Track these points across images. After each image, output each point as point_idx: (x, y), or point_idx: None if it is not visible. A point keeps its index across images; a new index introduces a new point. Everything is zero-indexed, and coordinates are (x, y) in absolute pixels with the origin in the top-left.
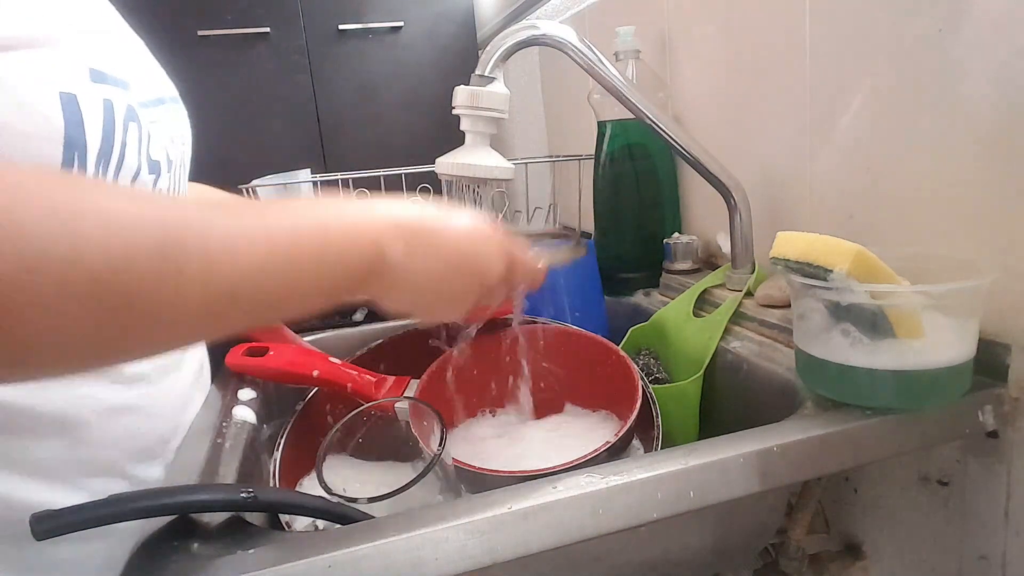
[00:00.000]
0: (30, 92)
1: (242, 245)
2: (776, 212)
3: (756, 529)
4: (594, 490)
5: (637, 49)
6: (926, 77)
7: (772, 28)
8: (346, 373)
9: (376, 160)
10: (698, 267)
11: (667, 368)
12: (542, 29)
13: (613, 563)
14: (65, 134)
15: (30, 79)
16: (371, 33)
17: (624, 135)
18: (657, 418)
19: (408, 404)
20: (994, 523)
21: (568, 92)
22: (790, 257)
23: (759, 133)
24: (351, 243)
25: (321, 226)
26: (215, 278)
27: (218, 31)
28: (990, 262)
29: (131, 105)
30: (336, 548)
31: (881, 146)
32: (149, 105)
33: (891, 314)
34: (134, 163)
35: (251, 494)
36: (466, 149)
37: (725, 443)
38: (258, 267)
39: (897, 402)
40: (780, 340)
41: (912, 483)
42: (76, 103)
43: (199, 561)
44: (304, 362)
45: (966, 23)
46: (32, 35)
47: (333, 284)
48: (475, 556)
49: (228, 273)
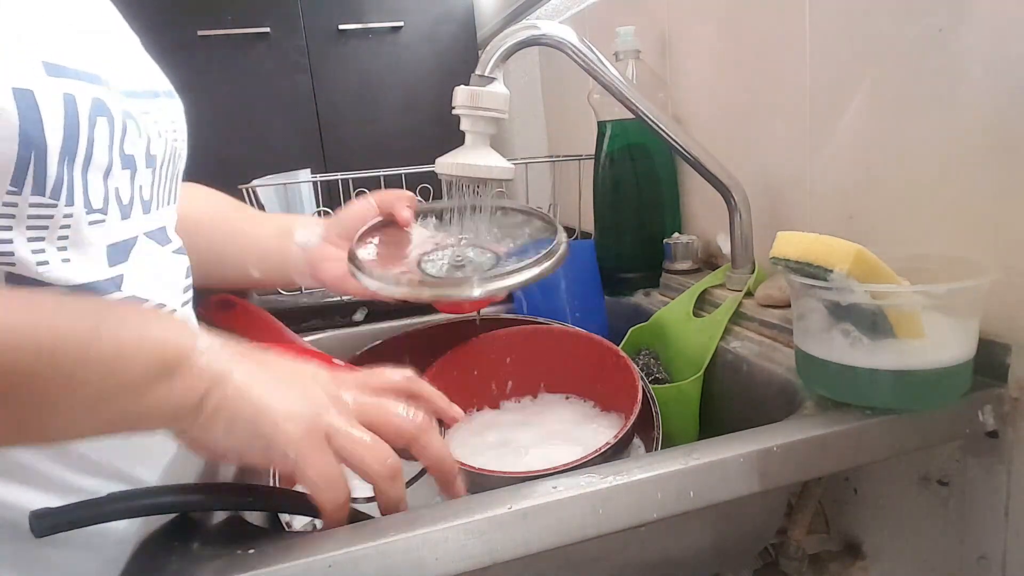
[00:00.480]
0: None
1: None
2: (776, 212)
3: (756, 529)
4: (594, 490)
5: (637, 49)
6: (926, 77)
7: (772, 28)
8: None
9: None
10: (698, 267)
11: (667, 368)
12: (542, 29)
13: (613, 563)
14: (20, 131)
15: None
16: (371, 33)
17: (624, 135)
18: (657, 418)
19: None
20: (994, 523)
21: (568, 92)
22: (790, 257)
23: (759, 133)
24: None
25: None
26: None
27: (218, 31)
28: (990, 262)
29: (99, 99)
30: (336, 548)
31: (881, 146)
32: (137, 96)
33: (891, 314)
34: (104, 159)
35: (249, 493)
36: (466, 149)
37: (725, 443)
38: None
39: (897, 402)
40: (780, 340)
41: (912, 483)
42: (32, 98)
43: (199, 561)
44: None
45: (966, 23)
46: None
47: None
48: (475, 556)
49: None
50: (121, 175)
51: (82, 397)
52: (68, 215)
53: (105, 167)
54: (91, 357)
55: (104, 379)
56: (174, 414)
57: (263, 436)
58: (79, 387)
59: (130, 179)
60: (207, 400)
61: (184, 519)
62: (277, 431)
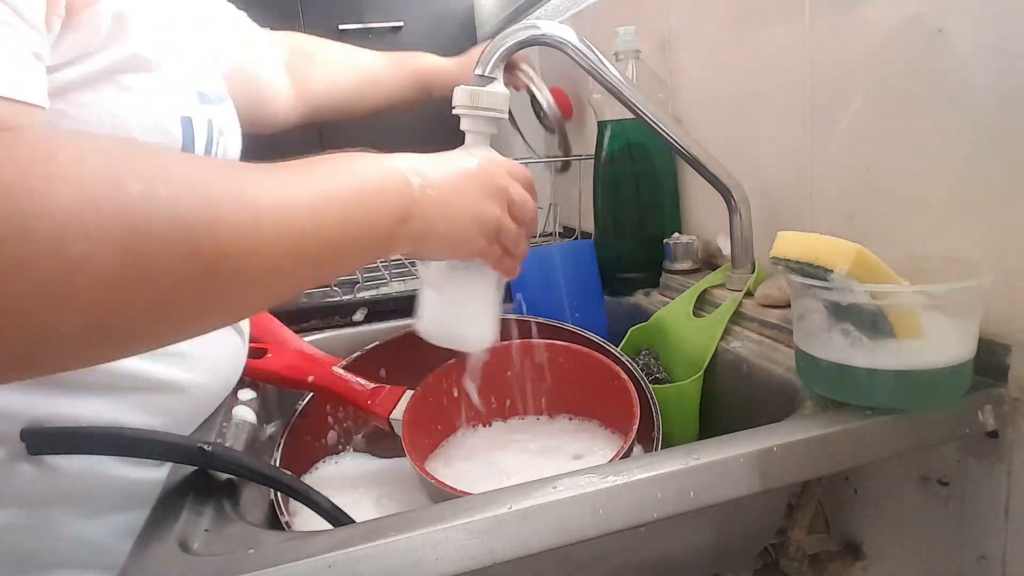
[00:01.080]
0: (163, 116)
1: (301, 199)
2: (776, 212)
3: (756, 529)
4: (594, 490)
5: (637, 49)
6: (926, 77)
7: (772, 28)
8: (341, 381)
9: None
10: (698, 267)
11: (667, 368)
12: (542, 29)
13: (613, 563)
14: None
15: (161, 102)
16: (371, 33)
17: (624, 135)
18: (657, 418)
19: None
20: (994, 523)
21: (568, 92)
22: (791, 257)
23: (759, 133)
24: (384, 181)
25: (357, 174)
26: (284, 231)
27: None
28: (990, 262)
29: (222, 124)
30: (336, 548)
31: (881, 146)
32: (222, 101)
33: (891, 314)
34: None
35: (209, 448)
36: (466, 149)
37: (725, 443)
38: (316, 218)
39: (897, 402)
40: (780, 340)
41: (912, 483)
42: (191, 125)
43: (199, 561)
44: (300, 367)
45: (966, 23)
46: (158, 57)
47: (378, 228)
48: (475, 556)
49: (296, 224)
50: None
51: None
52: None
53: None
54: (347, 244)
55: (357, 248)
56: (391, 237)
57: (453, 244)
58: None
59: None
60: (413, 223)
61: (184, 519)
62: (465, 243)
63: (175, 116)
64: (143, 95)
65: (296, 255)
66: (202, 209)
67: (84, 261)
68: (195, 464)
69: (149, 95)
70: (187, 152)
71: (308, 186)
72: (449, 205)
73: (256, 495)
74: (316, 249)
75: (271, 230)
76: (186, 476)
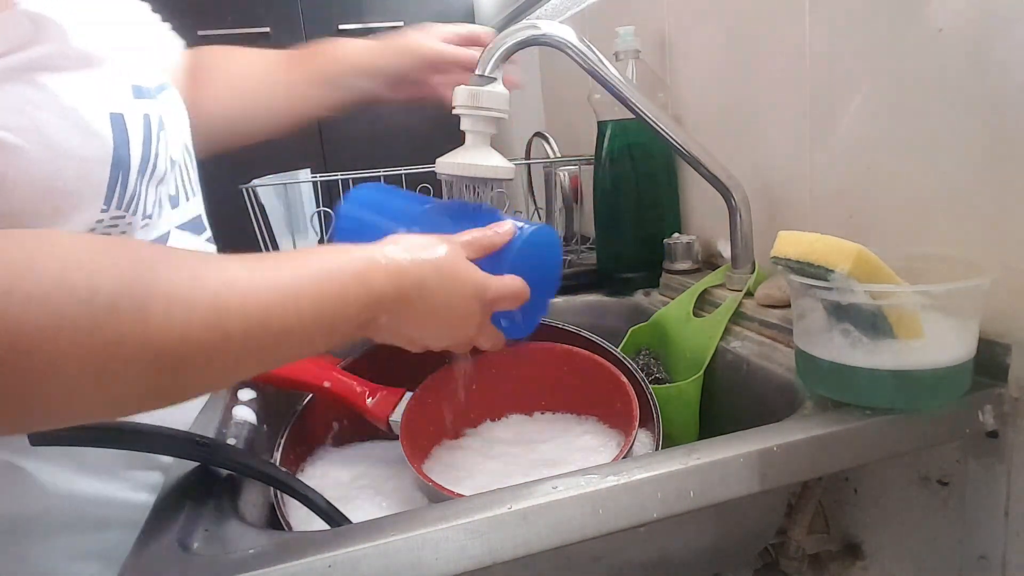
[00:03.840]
0: (87, 114)
1: (249, 296)
2: (776, 212)
3: (756, 529)
4: (594, 490)
5: (637, 49)
6: (926, 77)
7: (772, 28)
8: (341, 382)
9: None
10: (698, 267)
11: (667, 368)
12: (542, 29)
13: (613, 563)
14: (114, 155)
15: (86, 100)
16: (371, 33)
17: (624, 135)
18: (657, 418)
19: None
20: (994, 523)
21: (568, 92)
22: (791, 257)
23: (759, 133)
24: (345, 306)
25: (317, 284)
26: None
27: (218, 31)
28: (990, 262)
29: (159, 113)
30: (336, 548)
31: (881, 146)
32: (163, 91)
33: (891, 314)
34: (163, 167)
35: (206, 444)
36: (466, 149)
37: (725, 443)
38: (260, 315)
39: (897, 402)
40: (780, 340)
41: (912, 483)
42: (123, 122)
43: (199, 561)
44: (300, 368)
45: (966, 23)
46: (85, 54)
47: (332, 331)
48: (475, 556)
49: (234, 312)
50: (168, 178)
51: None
52: (129, 223)
53: (162, 175)
54: (306, 340)
55: (320, 340)
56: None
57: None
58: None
59: (174, 179)
60: (383, 322)
61: (184, 518)
62: (434, 343)
63: (103, 114)
64: (64, 93)
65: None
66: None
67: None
68: (193, 458)
69: (71, 93)
70: (121, 151)
71: (275, 282)
72: (421, 320)
73: (256, 495)
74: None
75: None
76: (186, 476)
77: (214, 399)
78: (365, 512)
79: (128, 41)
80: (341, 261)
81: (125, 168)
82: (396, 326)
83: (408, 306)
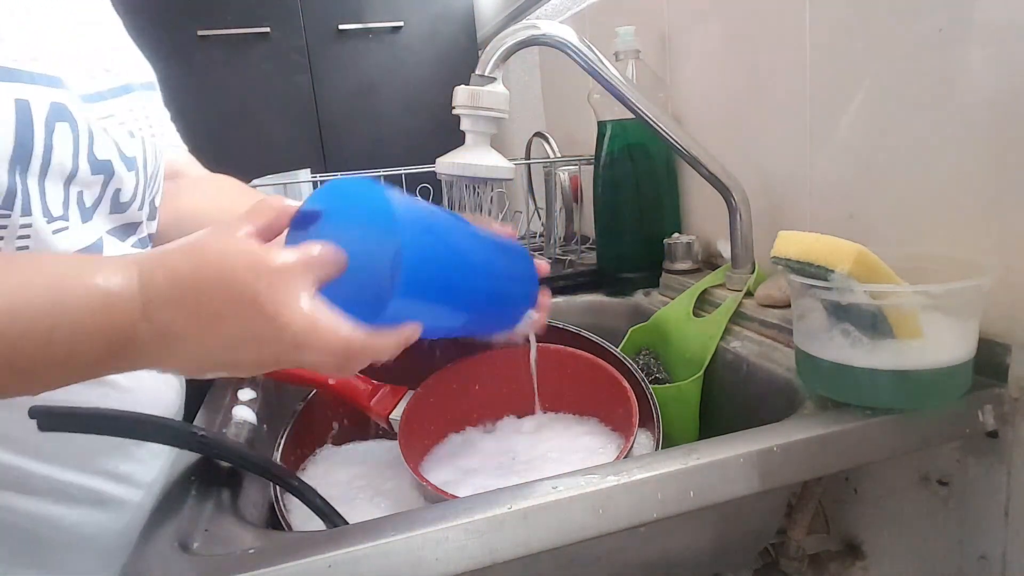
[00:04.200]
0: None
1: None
2: (776, 212)
3: (756, 529)
4: (594, 490)
5: (637, 49)
6: (926, 77)
7: (772, 28)
8: (343, 379)
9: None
10: (698, 267)
11: (667, 368)
12: (542, 29)
13: (613, 563)
14: None
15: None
16: (371, 33)
17: (624, 135)
18: (657, 418)
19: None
20: (994, 523)
21: (568, 92)
22: (792, 257)
23: (759, 133)
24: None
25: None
26: None
27: (218, 31)
28: (990, 262)
29: (59, 103)
30: (336, 548)
31: (881, 146)
32: (103, 99)
33: (890, 314)
34: (68, 165)
35: (203, 435)
36: (466, 149)
37: (725, 443)
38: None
39: (897, 402)
40: (780, 340)
41: (912, 483)
42: (28, 108)
43: (199, 561)
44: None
45: (966, 23)
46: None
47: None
48: (475, 556)
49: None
50: (92, 180)
51: (44, 380)
52: (26, 224)
53: (69, 173)
54: (48, 360)
55: (61, 369)
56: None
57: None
58: (41, 375)
59: (103, 184)
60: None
61: (183, 518)
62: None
63: (7, 98)
64: None
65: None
66: None
67: None
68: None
69: None
70: (24, 139)
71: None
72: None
73: (256, 495)
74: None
75: None
76: (186, 476)
77: (214, 399)
78: (365, 512)
79: (70, 37)
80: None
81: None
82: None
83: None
